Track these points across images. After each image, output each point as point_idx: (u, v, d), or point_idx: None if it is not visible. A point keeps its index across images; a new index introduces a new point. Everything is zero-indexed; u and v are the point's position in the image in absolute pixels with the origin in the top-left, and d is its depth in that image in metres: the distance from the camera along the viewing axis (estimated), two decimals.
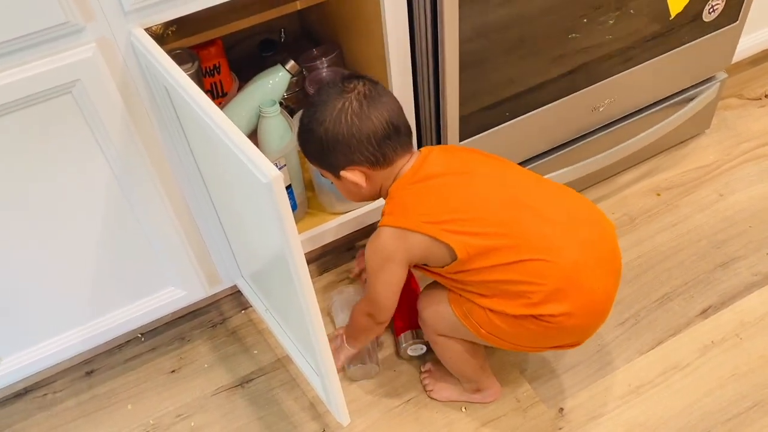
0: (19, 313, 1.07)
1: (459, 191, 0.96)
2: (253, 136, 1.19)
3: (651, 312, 1.28)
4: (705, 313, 1.27)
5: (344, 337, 1.13)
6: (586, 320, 0.96)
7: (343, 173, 0.97)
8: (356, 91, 0.94)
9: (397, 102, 0.97)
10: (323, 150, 0.96)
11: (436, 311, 1.04)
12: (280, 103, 1.18)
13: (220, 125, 0.75)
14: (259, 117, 1.16)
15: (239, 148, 0.72)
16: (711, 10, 1.30)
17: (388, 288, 0.99)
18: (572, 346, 1.03)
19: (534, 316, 0.93)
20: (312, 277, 0.98)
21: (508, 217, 0.93)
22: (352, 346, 1.13)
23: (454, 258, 0.93)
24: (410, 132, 0.98)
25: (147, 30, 0.89)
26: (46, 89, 0.85)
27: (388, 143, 0.95)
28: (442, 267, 0.96)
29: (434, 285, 1.06)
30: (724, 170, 1.53)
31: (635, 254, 1.38)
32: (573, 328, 0.95)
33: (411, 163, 0.98)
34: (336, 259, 1.43)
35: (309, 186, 1.30)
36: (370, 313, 1.03)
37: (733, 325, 1.25)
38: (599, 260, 0.95)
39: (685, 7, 1.22)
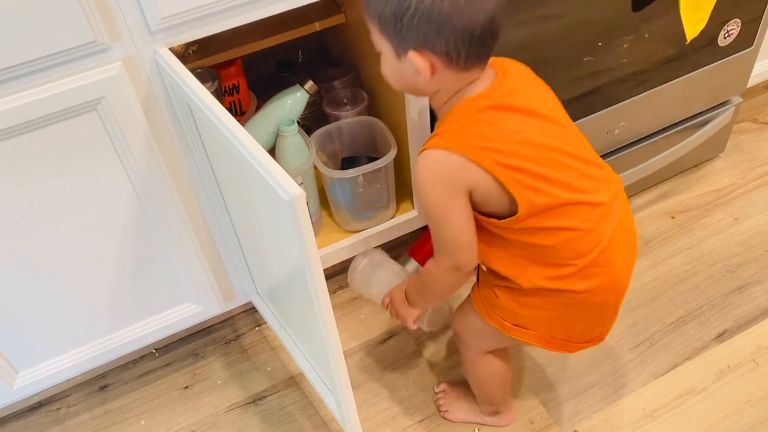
0: (35, 327, 1.08)
1: (533, 137, 0.84)
2: (271, 154, 1.20)
3: (666, 335, 1.27)
4: (721, 337, 1.26)
5: (407, 300, 1.00)
6: (607, 297, 0.92)
7: (411, 54, 0.80)
8: None
9: None
10: (403, 19, 0.78)
11: (464, 320, 1.02)
12: (298, 122, 1.20)
13: (242, 142, 0.76)
14: (277, 136, 1.18)
15: (262, 165, 0.73)
16: (726, 35, 1.31)
17: (463, 225, 0.85)
18: (594, 341, 0.99)
19: (557, 290, 0.88)
20: None
21: (569, 180, 0.85)
22: (422, 307, 1.01)
23: (513, 213, 0.84)
24: (498, 40, 0.82)
25: (170, 49, 0.90)
26: (72, 106, 0.86)
27: (478, 45, 0.79)
28: (489, 217, 0.86)
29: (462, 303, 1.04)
30: (739, 194, 1.53)
31: (650, 277, 1.37)
32: (593, 305, 0.91)
33: (486, 80, 0.84)
34: None
35: (324, 203, 1.31)
36: (455, 266, 0.88)
37: (749, 350, 1.24)
38: (625, 236, 0.92)
39: (701, 32, 1.23)
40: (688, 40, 1.19)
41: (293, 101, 1.21)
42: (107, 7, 0.83)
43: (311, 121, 1.39)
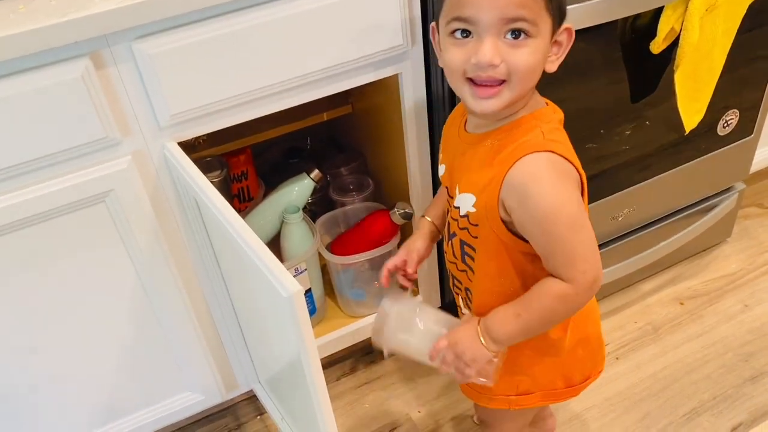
0: (33, 417, 1.06)
1: None
2: (277, 239, 1.22)
3: (679, 427, 1.23)
4: (735, 430, 1.22)
5: (488, 336, 0.80)
6: (588, 330, 0.93)
7: (565, 27, 0.75)
8: None
9: None
10: None
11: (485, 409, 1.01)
12: (304, 208, 1.22)
13: (245, 238, 0.77)
14: (282, 223, 1.19)
15: (262, 261, 0.74)
16: (725, 125, 1.33)
17: (591, 229, 0.75)
18: (595, 374, 0.96)
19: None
20: (329, 382, 0.96)
21: None
22: (513, 341, 0.82)
23: None
24: None
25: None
26: (81, 199, 0.89)
27: None
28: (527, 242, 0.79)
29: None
30: (749, 280, 1.51)
31: (661, 365, 1.34)
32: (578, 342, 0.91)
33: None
34: (354, 363, 1.41)
35: (328, 288, 1.31)
36: (597, 279, 0.76)
37: None
38: None
39: (700, 122, 1.25)
40: (687, 131, 1.21)
41: (299, 189, 1.23)
42: (119, 106, 0.86)
43: (318, 206, 1.41)
